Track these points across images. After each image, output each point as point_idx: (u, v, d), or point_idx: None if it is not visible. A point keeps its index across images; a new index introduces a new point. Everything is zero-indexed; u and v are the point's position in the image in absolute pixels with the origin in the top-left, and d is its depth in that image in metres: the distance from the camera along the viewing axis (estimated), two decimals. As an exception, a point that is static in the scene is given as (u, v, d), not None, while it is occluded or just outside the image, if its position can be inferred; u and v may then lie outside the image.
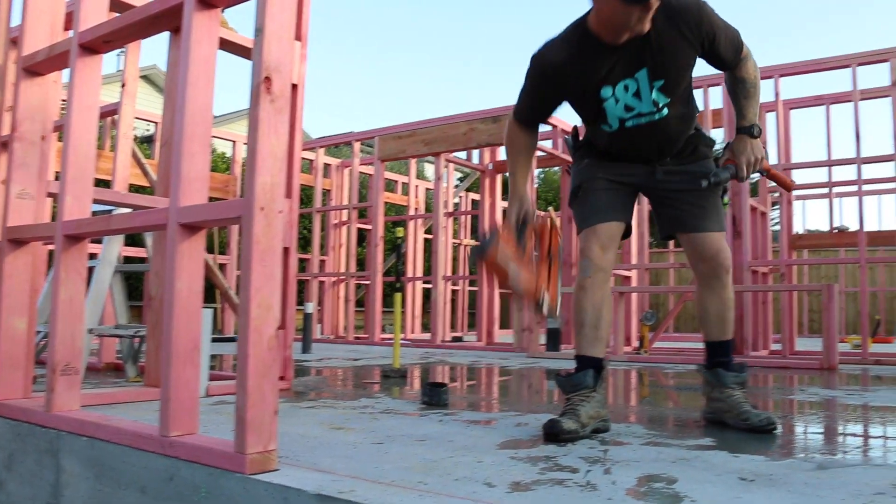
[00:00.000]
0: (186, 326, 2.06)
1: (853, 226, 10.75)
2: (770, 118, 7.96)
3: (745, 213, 6.83)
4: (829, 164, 7.53)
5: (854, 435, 2.88)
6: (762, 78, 7.25)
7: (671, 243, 11.89)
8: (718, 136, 7.88)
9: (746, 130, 2.75)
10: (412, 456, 2.18)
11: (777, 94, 7.30)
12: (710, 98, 7.19)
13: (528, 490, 1.77)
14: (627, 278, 8.00)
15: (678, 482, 1.87)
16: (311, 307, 7.36)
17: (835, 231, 8.65)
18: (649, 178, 2.82)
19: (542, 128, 8.62)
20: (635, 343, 7.69)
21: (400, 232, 5.01)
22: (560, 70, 2.61)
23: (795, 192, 9.70)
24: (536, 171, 23.93)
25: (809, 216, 31.65)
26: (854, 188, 7.46)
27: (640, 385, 4.73)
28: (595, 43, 2.55)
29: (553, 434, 2.45)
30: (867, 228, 6.92)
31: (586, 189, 2.80)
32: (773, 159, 7.74)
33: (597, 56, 2.57)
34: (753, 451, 2.34)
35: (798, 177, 8.99)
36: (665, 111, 2.66)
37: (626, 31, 2.46)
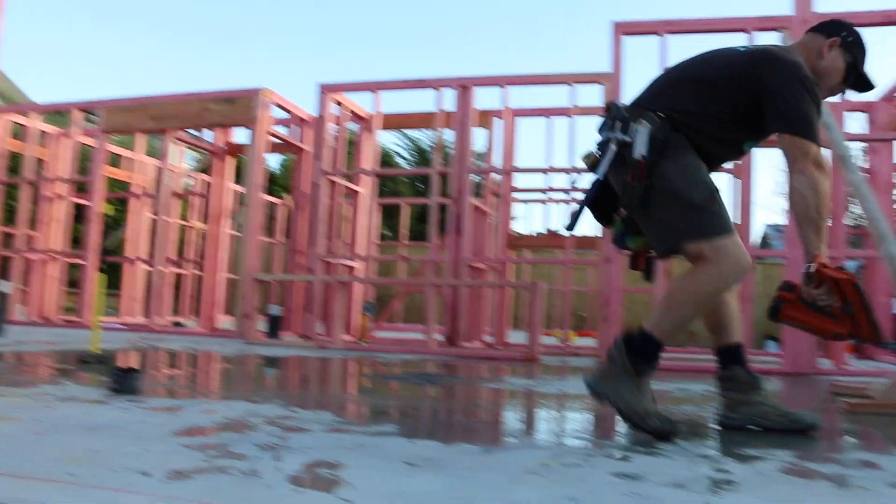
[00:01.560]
0: None
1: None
2: (497, 124, 8.40)
3: (467, 212, 7.15)
4: (547, 171, 8.07)
5: (529, 420, 3.09)
6: (491, 84, 7.57)
7: (405, 237, 12.20)
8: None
9: None
10: (74, 446, 2.03)
11: (504, 102, 7.71)
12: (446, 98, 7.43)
13: (187, 479, 1.71)
14: (353, 269, 8.09)
15: (345, 468, 1.89)
16: (8, 286, 6.73)
17: (548, 233, 9.30)
18: None
19: (280, 114, 8.57)
20: (356, 332, 7.79)
21: (109, 209, 4.71)
22: None
23: (517, 195, 10.31)
24: (279, 158, 23.54)
25: (534, 217, 34.04)
26: (567, 195, 8.05)
27: (348, 373, 4.80)
28: None
29: None
30: (576, 233, 7.51)
31: (718, 193, 2.61)
32: (497, 162, 8.19)
33: None
34: (431, 437, 2.44)
35: (521, 181, 9.59)
36: None
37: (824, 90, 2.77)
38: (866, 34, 2.81)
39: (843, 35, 2.76)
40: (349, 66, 52.55)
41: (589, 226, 13.40)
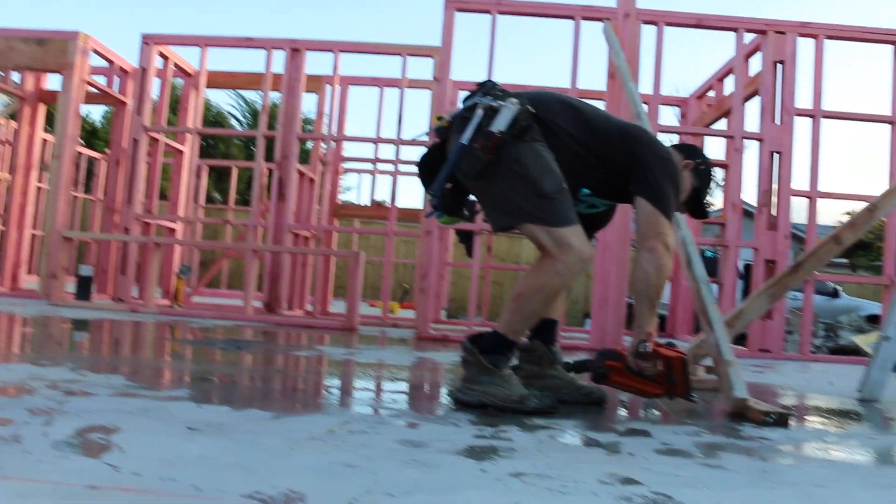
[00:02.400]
0: None
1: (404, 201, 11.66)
2: (329, 91, 8.28)
3: (292, 178, 7.03)
4: (376, 141, 8.05)
5: (329, 387, 3.08)
6: (323, 50, 7.43)
7: (232, 200, 11.88)
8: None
9: None
10: None
11: (335, 69, 7.60)
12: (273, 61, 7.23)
13: (-63, 444, 1.59)
14: (172, 230, 7.78)
15: (121, 433, 1.82)
16: None
17: (373, 204, 9.30)
18: None
19: (99, 62, 8.05)
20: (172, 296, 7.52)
21: None
22: None
23: (350, 164, 10.24)
24: (103, 110, 22.23)
25: (364, 187, 33.77)
26: (392, 167, 8.06)
27: (154, 338, 4.62)
28: None
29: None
30: (401, 205, 7.56)
31: (566, 187, 2.63)
32: (326, 130, 8.09)
33: None
34: (223, 402, 2.39)
35: (352, 150, 9.51)
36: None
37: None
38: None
39: (697, 161, 2.91)
40: (177, 19, 49.66)
41: (415, 198, 13.53)
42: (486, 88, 2.68)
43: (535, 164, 2.58)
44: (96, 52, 7.57)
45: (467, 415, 2.44)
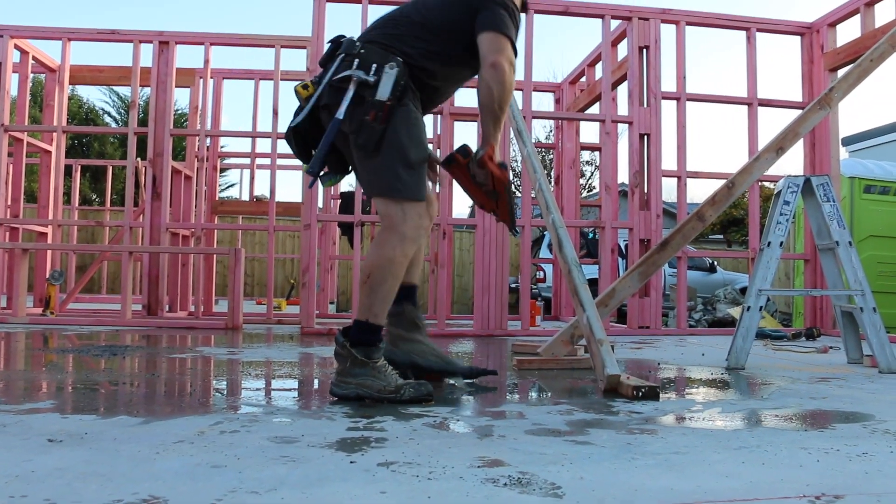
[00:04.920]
0: None
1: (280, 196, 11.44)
2: (201, 84, 8.07)
3: (166, 176, 6.82)
4: (253, 135, 7.92)
5: (207, 388, 3.00)
6: (193, 42, 7.22)
7: (108, 201, 11.46)
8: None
9: None
10: None
11: (207, 62, 7.41)
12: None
13: None
14: (43, 234, 7.44)
15: (-29, 450, 1.73)
16: None
17: (255, 200, 9.14)
18: None
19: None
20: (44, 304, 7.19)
21: None
22: None
23: (234, 160, 10.04)
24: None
25: (245, 182, 33.07)
26: (269, 161, 7.93)
27: (22, 348, 4.41)
28: None
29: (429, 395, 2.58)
30: (281, 199, 7.46)
31: (425, 157, 2.70)
32: (196, 125, 7.89)
33: None
34: (88, 411, 2.31)
35: (231, 145, 9.30)
36: None
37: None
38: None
39: None
40: (38, 10, 46.82)
41: (295, 192, 13.44)
42: (347, 49, 2.65)
43: (407, 131, 2.61)
44: (-53, 47, 7.13)
45: (344, 407, 2.44)
